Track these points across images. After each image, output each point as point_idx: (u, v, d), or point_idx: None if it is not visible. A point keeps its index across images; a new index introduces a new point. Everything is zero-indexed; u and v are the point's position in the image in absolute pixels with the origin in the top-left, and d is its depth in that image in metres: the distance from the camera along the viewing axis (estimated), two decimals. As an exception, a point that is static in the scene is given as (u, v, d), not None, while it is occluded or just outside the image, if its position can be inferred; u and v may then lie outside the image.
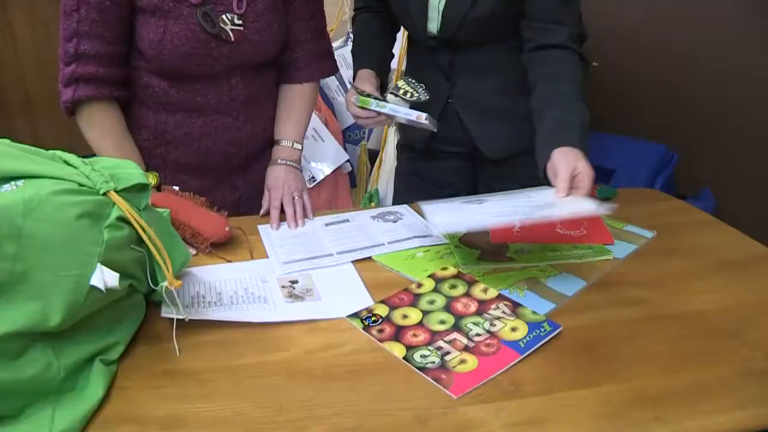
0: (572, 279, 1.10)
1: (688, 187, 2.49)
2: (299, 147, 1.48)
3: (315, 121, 2.41)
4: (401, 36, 2.10)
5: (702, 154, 2.53)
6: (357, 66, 1.51)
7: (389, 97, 1.34)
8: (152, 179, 1.32)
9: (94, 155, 1.10)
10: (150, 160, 1.40)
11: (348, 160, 2.53)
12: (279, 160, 1.45)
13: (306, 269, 1.15)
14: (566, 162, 1.14)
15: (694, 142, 2.53)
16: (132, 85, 1.36)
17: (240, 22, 1.32)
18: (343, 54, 2.57)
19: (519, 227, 1.27)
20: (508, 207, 1.16)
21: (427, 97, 1.34)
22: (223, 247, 1.24)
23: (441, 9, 1.37)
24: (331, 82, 2.63)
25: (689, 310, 1.03)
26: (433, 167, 1.58)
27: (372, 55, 1.52)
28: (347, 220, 1.36)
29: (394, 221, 1.35)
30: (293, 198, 1.38)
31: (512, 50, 1.37)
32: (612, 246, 1.22)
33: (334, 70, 1.55)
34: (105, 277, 0.85)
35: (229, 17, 1.31)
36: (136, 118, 1.39)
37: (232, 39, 1.31)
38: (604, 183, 2.01)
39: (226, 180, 1.47)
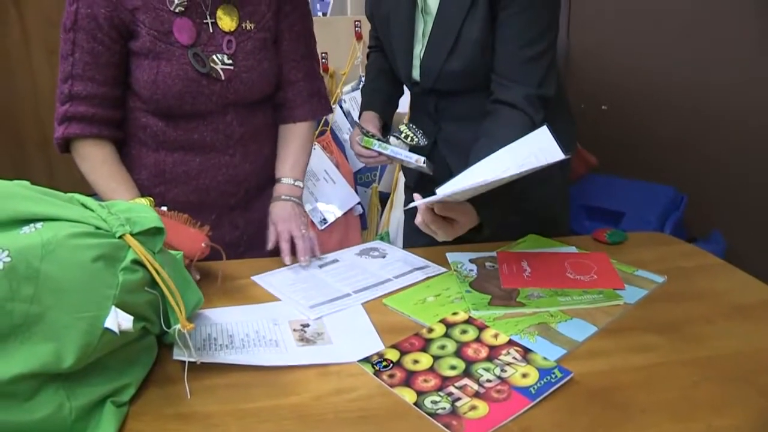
0: (583, 324, 1.10)
1: (698, 230, 2.49)
2: (300, 184, 1.51)
3: (326, 163, 2.44)
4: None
5: (712, 196, 2.54)
6: (362, 106, 1.58)
7: (391, 139, 1.41)
8: (148, 203, 1.34)
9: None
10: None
11: (359, 203, 2.55)
12: (283, 196, 1.47)
13: (334, 311, 1.16)
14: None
15: (703, 184, 2.54)
16: (130, 125, 1.41)
17: (230, 61, 1.37)
18: (355, 97, 2.61)
19: (529, 274, 1.27)
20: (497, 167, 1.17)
21: (426, 143, 1.40)
22: (231, 289, 1.25)
23: (421, 57, 1.41)
24: (342, 124, 2.66)
25: (702, 357, 1.02)
26: None
27: (377, 96, 1.58)
28: (337, 260, 1.38)
29: (383, 257, 1.39)
30: (301, 232, 1.40)
31: None
32: (623, 291, 1.21)
33: (327, 110, 1.58)
34: (119, 320, 0.86)
35: (219, 57, 1.36)
36: (135, 157, 1.43)
37: (223, 77, 1.36)
38: (613, 226, 2.02)
39: (227, 218, 1.49)
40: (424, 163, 1.36)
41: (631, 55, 2.64)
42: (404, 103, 1.67)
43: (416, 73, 1.45)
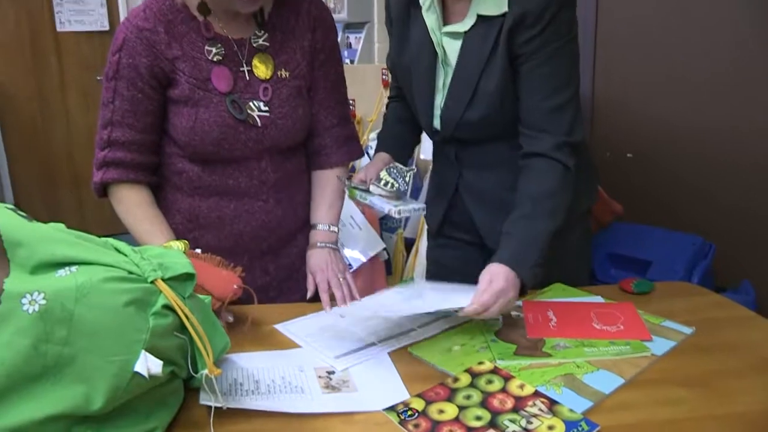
0: (610, 376, 1.09)
1: (727, 280, 2.45)
2: (335, 230, 1.53)
3: (352, 208, 2.46)
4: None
5: (740, 245, 2.50)
6: (376, 150, 1.61)
7: (372, 188, 1.42)
8: (183, 247, 1.36)
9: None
10: None
11: (384, 248, 2.56)
12: (318, 244, 1.49)
13: (360, 361, 1.15)
14: (485, 282, 1.21)
15: (731, 232, 2.51)
16: (166, 171, 1.45)
17: (266, 108, 1.40)
18: (382, 144, 2.64)
19: (555, 323, 1.27)
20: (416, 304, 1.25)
21: (407, 188, 1.41)
22: (258, 334, 1.26)
23: (441, 108, 1.44)
24: (369, 171, 2.69)
25: (732, 412, 1.00)
26: (445, 253, 1.62)
27: (391, 140, 1.61)
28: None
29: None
30: (339, 280, 1.42)
31: (518, 148, 1.39)
32: (650, 342, 1.20)
33: (360, 153, 1.62)
34: (149, 364, 0.87)
35: (256, 104, 1.40)
36: (171, 202, 1.46)
37: (259, 124, 1.40)
38: (639, 275, 1.99)
39: (258, 263, 1.51)
40: (397, 213, 1.36)
41: (656, 103, 2.65)
42: (428, 150, 1.69)
43: (437, 122, 1.47)
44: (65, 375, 0.86)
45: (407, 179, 1.40)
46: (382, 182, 1.39)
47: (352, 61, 3.13)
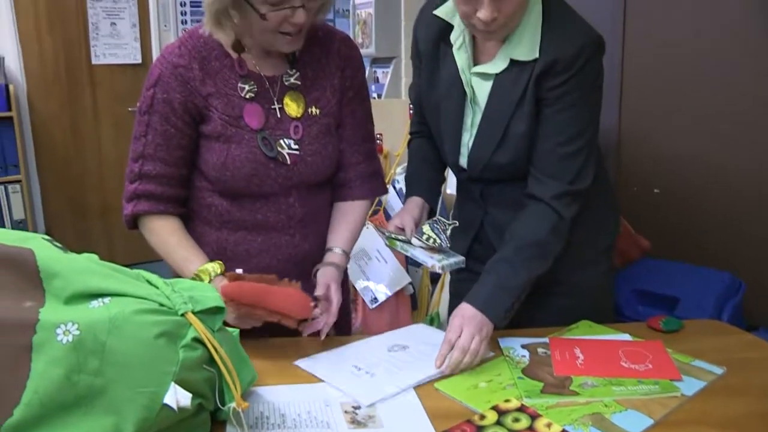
0: (638, 416, 1.08)
1: (758, 318, 2.41)
2: (348, 255, 1.52)
3: (378, 242, 2.47)
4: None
5: (771, 283, 2.46)
6: (407, 193, 1.62)
7: (414, 240, 1.45)
8: (219, 268, 1.37)
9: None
10: None
11: (410, 283, 2.56)
12: (330, 264, 1.47)
13: (386, 396, 1.15)
14: (453, 326, 1.28)
15: (762, 269, 2.47)
16: (195, 204, 1.47)
17: (296, 146, 1.42)
18: (408, 178, 2.66)
19: (582, 361, 1.25)
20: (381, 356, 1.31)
21: (448, 244, 1.45)
22: (284, 367, 1.26)
23: (470, 147, 1.45)
24: (395, 204, 2.71)
25: (765, 456, 0.99)
26: (469, 288, 1.61)
27: (421, 182, 1.62)
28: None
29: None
30: (338, 298, 1.42)
31: None
32: (679, 382, 1.19)
33: (383, 191, 1.63)
34: (178, 396, 0.88)
35: (286, 142, 1.41)
36: (199, 235, 1.47)
37: (289, 162, 1.41)
38: (668, 312, 1.97)
39: None
40: (440, 269, 1.41)
41: (683, 138, 2.64)
42: (454, 185, 1.70)
43: (463, 161, 1.48)
44: (96, 405, 0.87)
45: (449, 233, 1.43)
46: (425, 237, 1.43)
47: (379, 96, 3.17)
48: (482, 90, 1.41)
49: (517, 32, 1.34)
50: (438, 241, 1.43)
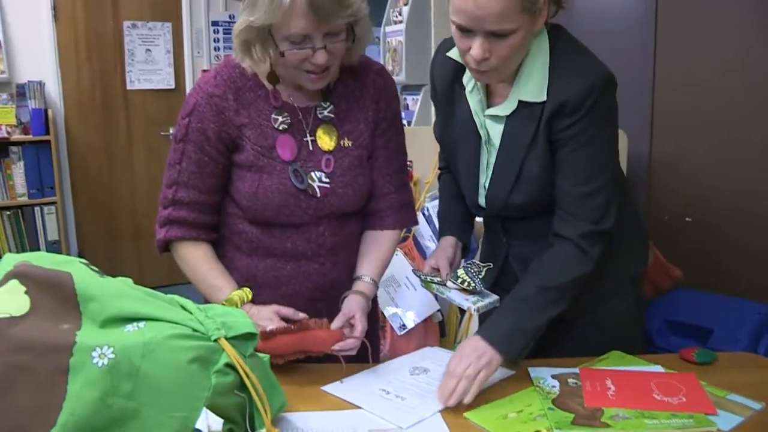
0: (672, 451, 1.06)
1: (795, 351, 2.36)
2: (376, 284, 1.51)
3: (407, 269, 2.48)
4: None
5: (809, 315, 2.41)
6: (440, 232, 1.62)
7: (449, 283, 1.47)
8: (246, 296, 1.38)
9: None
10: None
11: (439, 310, 2.56)
12: (357, 293, 1.46)
13: (414, 424, 1.16)
14: (457, 357, 1.27)
15: (799, 301, 2.42)
16: (226, 230, 1.49)
17: (327, 180, 1.43)
18: (437, 205, 2.66)
19: (614, 392, 1.24)
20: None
21: (482, 288, 1.45)
22: (312, 393, 1.26)
23: (486, 188, 1.46)
24: (425, 231, 2.71)
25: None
26: None
27: (452, 220, 1.62)
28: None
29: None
30: (364, 325, 1.38)
31: None
32: (715, 416, 1.16)
33: (414, 222, 1.61)
34: (209, 422, 0.90)
35: (317, 175, 1.42)
36: (229, 260, 1.49)
37: (318, 195, 1.42)
38: (700, 344, 1.94)
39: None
40: (476, 310, 1.42)
41: (716, 166, 2.61)
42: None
43: (482, 201, 1.49)
44: (129, 428, 0.88)
45: (483, 275, 1.44)
46: (459, 280, 1.45)
47: (409, 123, 3.19)
48: (496, 132, 1.41)
49: (525, 73, 1.33)
50: (472, 284, 1.44)
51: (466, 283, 1.44)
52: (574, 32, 1.39)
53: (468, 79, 1.42)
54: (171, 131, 4.76)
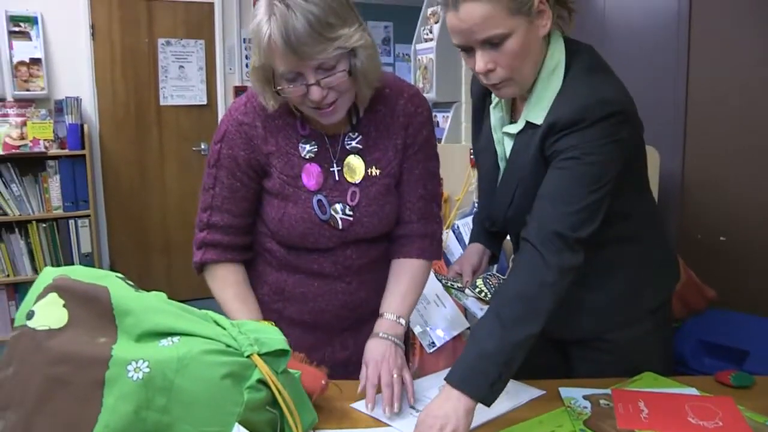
0: (708, 476, 1.04)
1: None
2: (403, 322, 1.43)
3: (437, 286, 2.47)
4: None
5: None
6: (470, 237, 1.61)
7: (467, 291, 1.46)
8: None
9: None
10: (268, 313, 1.49)
11: (468, 328, 2.55)
12: (381, 334, 1.40)
13: None
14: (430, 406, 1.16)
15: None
16: (257, 245, 1.50)
17: (350, 212, 1.41)
18: (468, 223, 2.66)
19: (647, 415, 1.22)
20: None
21: None
22: (339, 410, 1.27)
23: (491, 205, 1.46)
24: (455, 249, 2.71)
25: None
26: None
27: (483, 227, 1.60)
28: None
29: None
30: (392, 377, 1.31)
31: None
32: (752, 442, 1.14)
33: (435, 256, 1.52)
34: (241, 437, 0.90)
35: (341, 207, 1.41)
36: (260, 273, 1.50)
37: (340, 227, 1.41)
38: (736, 366, 1.90)
39: (338, 339, 1.52)
40: None
41: (751, 184, 2.57)
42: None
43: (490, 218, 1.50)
44: (162, 442, 0.89)
45: None
46: (477, 290, 1.45)
47: (439, 140, 3.20)
48: (508, 149, 1.40)
49: (536, 95, 1.32)
50: (489, 295, 1.43)
51: (483, 294, 1.43)
52: (606, 49, 1.38)
53: (495, 95, 1.42)
54: (202, 146, 4.85)
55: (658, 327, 1.48)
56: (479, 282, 1.44)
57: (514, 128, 1.36)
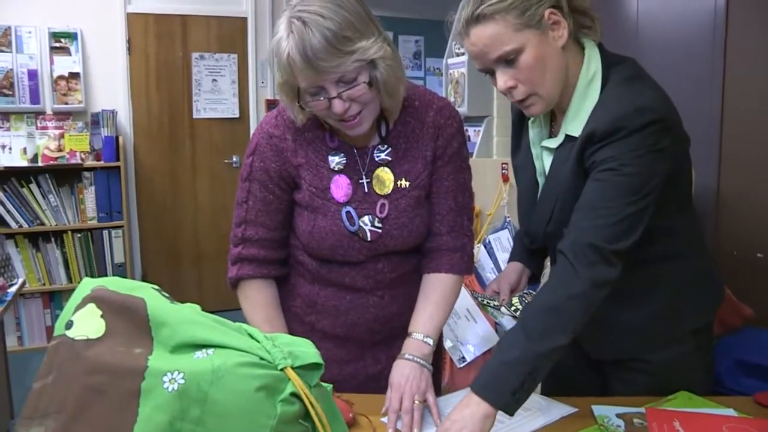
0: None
1: None
2: (430, 342, 1.41)
3: (468, 301, 2.46)
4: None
5: None
6: (510, 256, 1.60)
7: (503, 309, 1.44)
8: None
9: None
10: (300, 326, 1.50)
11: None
12: (407, 355, 1.39)
13: None
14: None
15: None
16: (290, 259, 1.51)
17: (379, 225, 1.42)
18: (499, 237, 2.65)
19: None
20: None
21: None
22: (370, 425, 1.26)
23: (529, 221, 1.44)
24: (486, 264, 2.70)
25: None
26: None
27: (523, 246, 1.58)
28: None
29: None
30: (414, 402, 1.31)
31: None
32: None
33: (466, 271, 1.51)
34: (274, 450, 0.90)
35: (370, 219, 1.41)
36: (292, 285, 1.51)
37: (369, 239, 1.41)
38: (773, 387, 1.85)
39: (369, 353, 1.52)
40: None
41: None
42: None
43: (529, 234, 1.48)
44: (196, 453, 0.90)
45: None
46: (513, 308, 1.42)
47: (470, 154, 3.20)
48: (548, 164, 1.39)
49: (574, 107, 1.31)
50: None
51: (518, 312, 1.42)
52: (639, 61, 1.36)
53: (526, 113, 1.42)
54: (234, 159, 4.90)
55: (699, 348, 1.45)
56: (515, 300, 1.44)
57: (554, 142, 1.36)
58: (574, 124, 1.30)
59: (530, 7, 1.21)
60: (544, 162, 1.41)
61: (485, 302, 1.48)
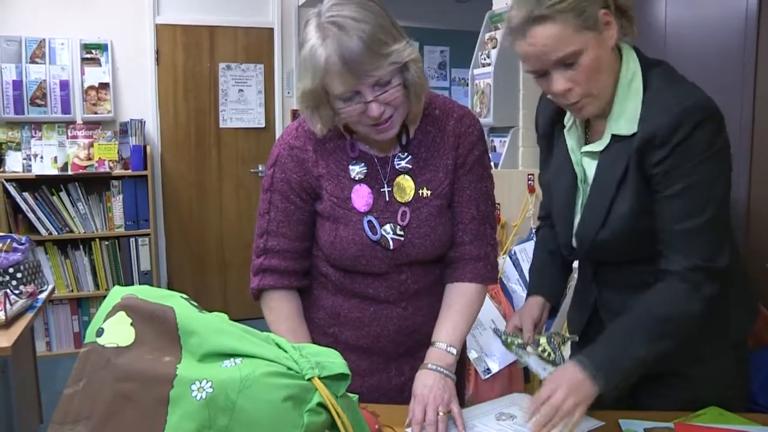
0: None
1: None
2: (454, 351, 1.40)
3: (494, 312, 2.45)
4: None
5: None
6: (528, 289, 1.58)
7: (529, 348, 1.43)
8: None
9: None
10: (323, 337, 1.50)
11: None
12: (429, 365, 1.38)
13: None
14: (551, 383, 1.22)
15: None
16: (313, 270, 1.51)
17: (401, 233, 1.41)
18: (525, 248, 2.63)
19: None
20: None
21: (563, 362, 1.37)
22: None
23: (577, 227, 1.41)
24: (511, 275, 2.68)
25: None
26: None
27: (543, 278, 1.58)
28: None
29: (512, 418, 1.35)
30: (438, 414, 1.30)
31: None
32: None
33: (490, 280, 1.50)
34: (301, 461, 0.90)
35: (392, 227, 1.41)
36: (315, 297, 1.51)
37: (391, 247, 1.41)
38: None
39: (393, 364, 1.51)
40: None
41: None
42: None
43: (574, 240, 1.44)
44: (223, 462, 0.90)
45: (566, 347, 1.41)
46: (540, 349, 1.41)
47: (496, 165, 3.18)
48: (591, 169, 1.38)
49: (618, 106, 1.30)
50: (553, 355, 1.40)
51: (546, 353, 1.40)
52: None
53: (568, 118, 1.41)
54: (260, 168, 4.94)
55: (738, 362, 1.44)
56: (543, 341, 1.41)
57: (599, 146, 1.34)
58: (620, 124, 1.30)
59: (586, 8, 1.21)
60: (585, 167, 1.39)
61: (509, 341, 1.46)
